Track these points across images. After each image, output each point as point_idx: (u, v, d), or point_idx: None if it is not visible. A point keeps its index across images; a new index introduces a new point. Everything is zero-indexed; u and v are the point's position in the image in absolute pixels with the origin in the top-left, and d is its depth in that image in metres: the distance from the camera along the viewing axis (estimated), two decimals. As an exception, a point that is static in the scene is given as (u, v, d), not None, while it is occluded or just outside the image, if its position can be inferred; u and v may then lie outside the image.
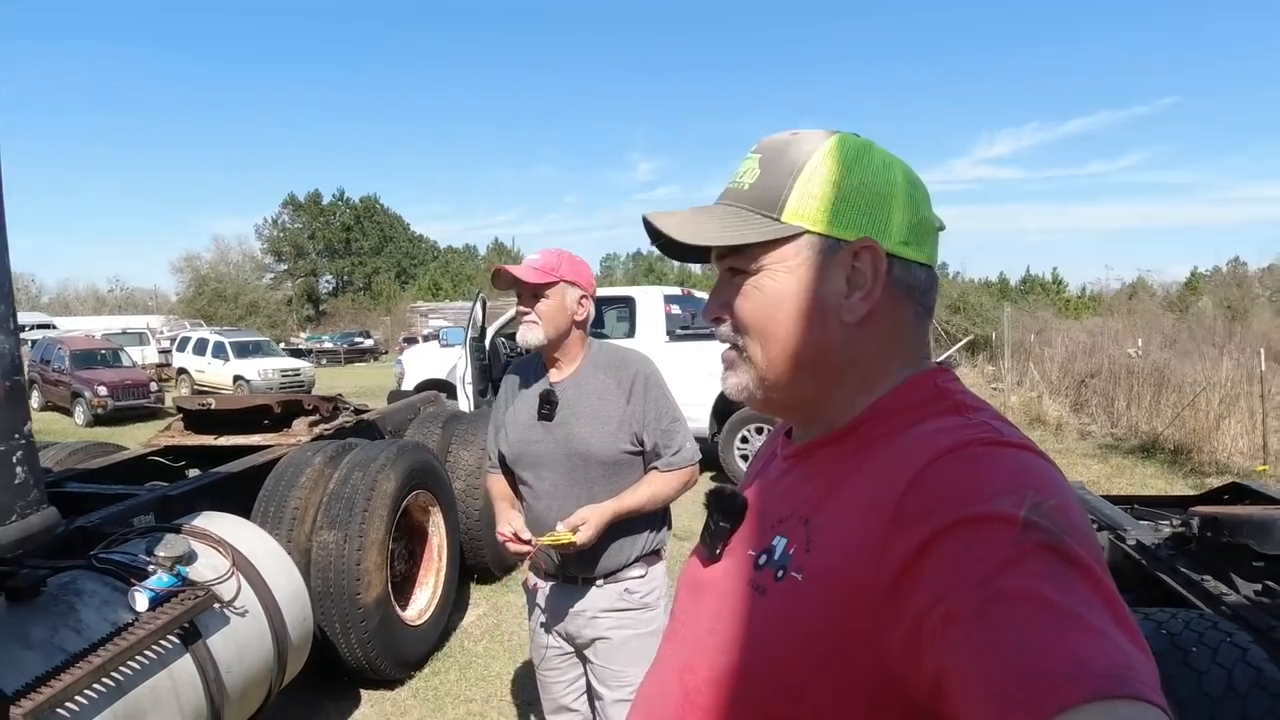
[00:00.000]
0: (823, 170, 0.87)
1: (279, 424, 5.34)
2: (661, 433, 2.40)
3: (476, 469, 5.67)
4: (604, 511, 2.26)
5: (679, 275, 77.17)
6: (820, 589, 0.78)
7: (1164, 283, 56.60)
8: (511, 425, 2.49)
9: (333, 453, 4.39)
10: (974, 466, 0.73)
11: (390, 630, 4.07)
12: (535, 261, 2.40)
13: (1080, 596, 0.61)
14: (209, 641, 2.76)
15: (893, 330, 0.89)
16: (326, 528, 3.98)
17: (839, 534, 0.79)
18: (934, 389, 0.87)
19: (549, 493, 2.40)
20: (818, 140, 0.90)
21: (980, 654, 0.60)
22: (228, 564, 3.02)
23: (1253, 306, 33.11)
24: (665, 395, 2.46)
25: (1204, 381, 11.52)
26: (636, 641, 2.41)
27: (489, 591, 5.75)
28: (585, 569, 2.38)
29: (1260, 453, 9.53)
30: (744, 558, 0.90)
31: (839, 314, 0.87)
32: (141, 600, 2.56)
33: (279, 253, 77.96)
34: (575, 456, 2.36)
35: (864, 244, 0.86)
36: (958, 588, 0.64)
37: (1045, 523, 0.65)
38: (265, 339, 26.89)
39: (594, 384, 2.42)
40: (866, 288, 0.86)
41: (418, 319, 47.74)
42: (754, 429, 9.24)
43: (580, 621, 2.42)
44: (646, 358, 2.52)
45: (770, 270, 0.88)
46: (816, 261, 0.87)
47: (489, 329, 10.51)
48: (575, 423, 2.37)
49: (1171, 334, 20.71)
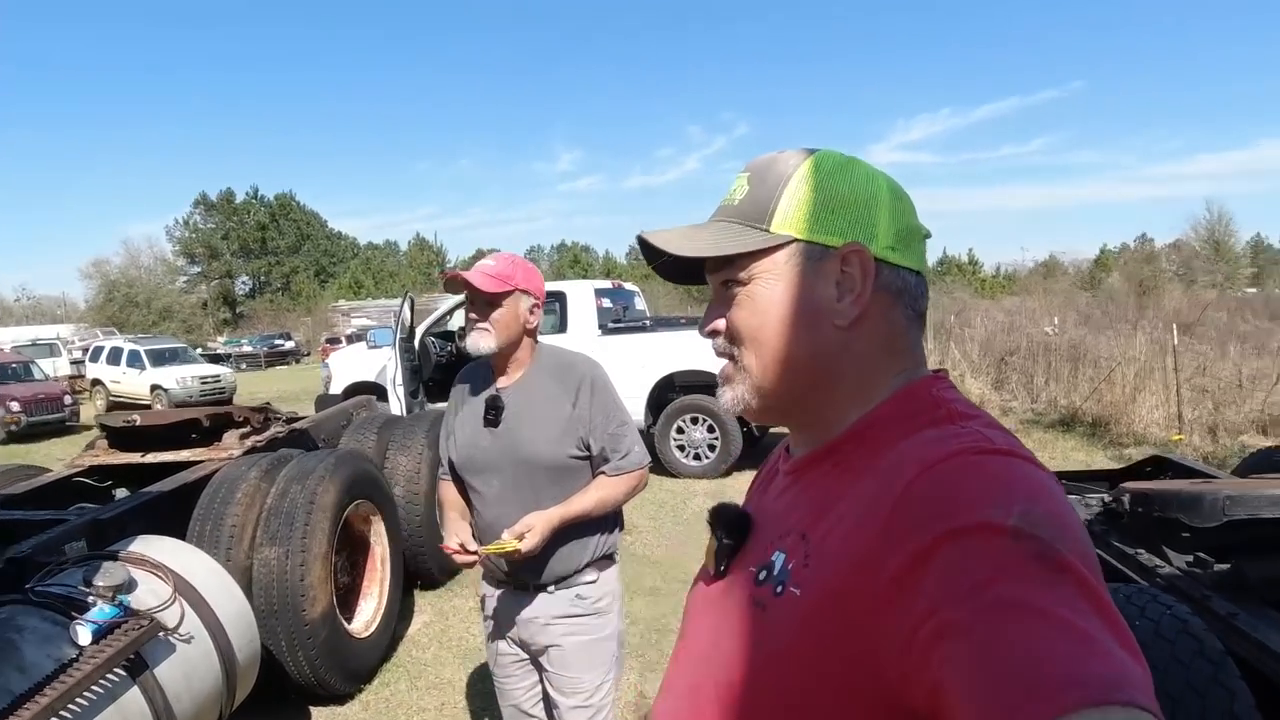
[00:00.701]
0: (809, 180, 0.90)
1: (208, 437, 5.19)
2: (609, 436, 2.39)
3: (415, 474, 5.60)
4: (550, 518, 2.24)
5: (605, 267, 77.20)
6: (817, 603, 0.78)
7: (1075, 261, 58.38)
8: (459, 431, 2.48)
9: (268, 466, 4.29)
10: (964, 477, 0.73)
11: (338, 644, 4.01)
12: (490, 268, 2.37)
13: (1072, 604, 0.61)
14: (156, 672, 2.68)
15: (885, 334, 0.91)
16: (267, 544, 3.90)
17: (834, 548, 0.79)
18: (929, 398, 0.88)
19: (496, 499, 2.38)
20: (802, 155, 0.93)
21: (974, 666, 0.60)
22: (169, 589, 2.93)
23: (1160, 282, 34.27)
24: (612, 398, 2.46)
25: (1119, 356, 11.93)
26: (590, 648, 2.41)
27: (434, 598, 5.70)
28: (535, 575, 2.37)
29: (1175, 422, 9.91)
30: (746, 574, 0.91)
31: (831, 318, 0.88)
32: (84, 634, 2.47)
33: (192, 255, 76.05)
34: (521, 462, 2.35)
35: (852, 248, 0.88)
36: (950, 600, 0.64)
37: (1036, 531, 0.65)
38: (182, 345, 26.06)
39: (540, 389, 2.40)
40: (856, 291, 0.88)
41: (340, 319, 47.03)
42: (689, 419, 9.30)
43: (533, 629, 2.41)
44: (593, 361, 2.51)
45: (761, 279, 0.90)
46: (806, 268, 0.89)
47: (418, 329, 10.38)
48: (521, 428, 2.36)
49: (1086, 311, 21.36)
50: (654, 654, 4.57)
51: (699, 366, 9.30)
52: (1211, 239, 52.61)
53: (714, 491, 8.54)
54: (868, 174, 0.92)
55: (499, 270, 2.37)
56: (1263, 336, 14.34)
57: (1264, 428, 9.51)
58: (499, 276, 2.35)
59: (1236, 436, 9.37)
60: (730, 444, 9.19)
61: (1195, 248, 51.01)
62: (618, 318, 10.38)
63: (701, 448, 9.33)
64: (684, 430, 9.36)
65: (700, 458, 9.33)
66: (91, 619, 2.53)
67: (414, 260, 77.60)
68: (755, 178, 0.94)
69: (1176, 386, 10.17)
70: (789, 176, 0.91)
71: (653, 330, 10.19)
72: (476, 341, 2.36)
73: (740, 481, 8.98)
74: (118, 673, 2.52)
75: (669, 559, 6.41)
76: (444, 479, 2.59)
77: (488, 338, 2.35)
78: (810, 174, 0.91)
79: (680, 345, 9.56)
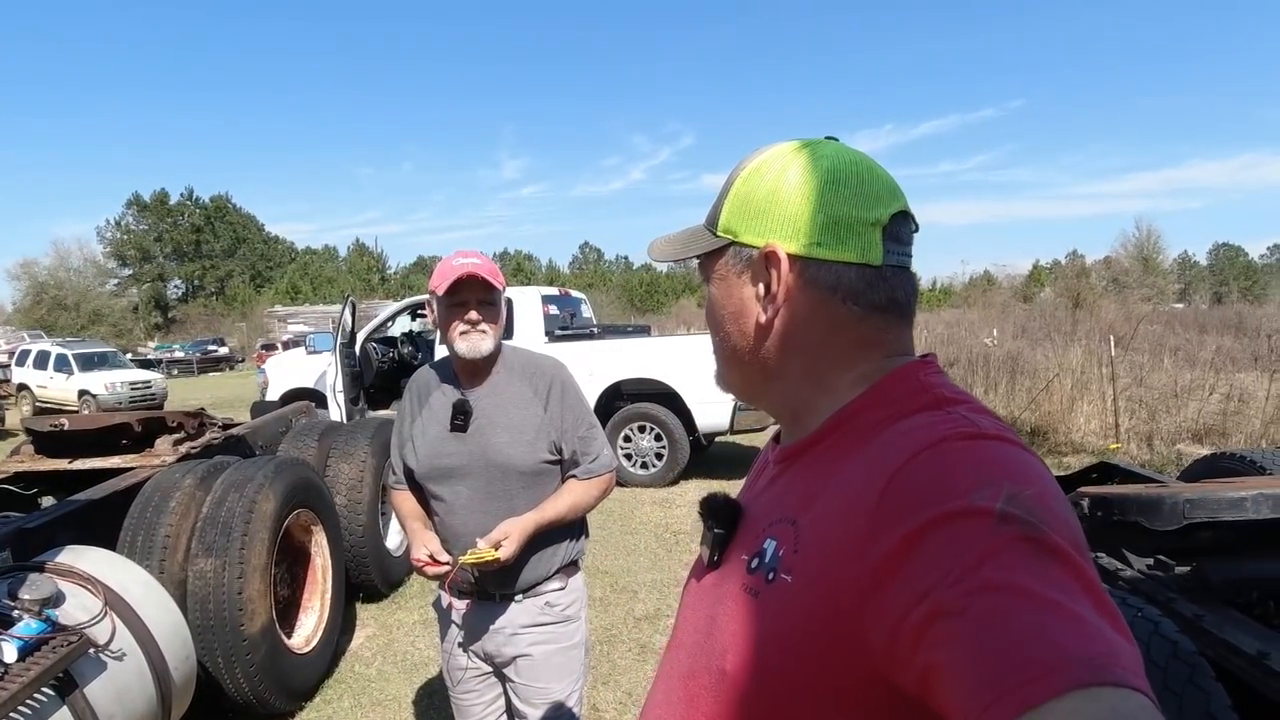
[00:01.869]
0: (745, 181, 0.94)
1: (140, 444, 4.97)
2: (579, 440, 2.34)
3: (358, 482, 5.46)
4: (526, 524, 2.17)
5: (549, 275, 77.14)
6: (808, 589, 0.78)
7: (1010, 275, 59.70)
8: (420, 438, 2.35)
9: (203, 473, 4.12)
10: (951, 461, 0.73)
11: (278, 660, 3.85)
12: (482, 265, 2.26)
13: (1060, 585, 0.62)
14: (86, 690, 2.55)
15: (826, 329, 0.91)
16: (202, 555, 3.73)
17: (824, 534, 0.80)
18: (915, 383, 0.88)
19: (466, 507, 2.28)
20: (758, 155, 0.95)
21: (964, 649, 0.60)
22: (100, 603, 2.80)
23: (1092, 296, 35.27)
24: (582, 401, 2.40)
25: (1056, 367, 12.17)
26: (560, 656, 2.34)
27: (377, 610, 5.54)
28: (504, 585, 2.28)
29: (1112, 431, 10.14)
30: (738, 562, 0.91)
31: (754, 316, 0.93)
32: (10, 651, 2.33)
33: (123, 257, 74.52)
34: (493, 468, 2.26)
35: (766, 249, 0.90)
36: (939, 584, 0.64)
37: (1022, 513, 0.66)
38: (112, 350, 25.49)
39: (510, 391, 2.32)
40: (772, 290, 0.90)
41: (276, 324, 46.05)
42: (636, 428, 9.25)
43: (499, 640, 2.31)
44: (560, 363, 2.44)
45: (713, 279, 0.97)
46: (738, 269, 0.94)
47: (360, 334, 10.19)
48: (492, 432, 2.27)
49: (1023, 323, 21.81)
50: (605, 666, 4.49)
51: (647, 374, 9.27)
52: (1141, 255, 54.18)
53: (662, 500, 8.51)
54: (805, 165, 0.91)
55: (491, 268, 2.28)
56: (1193, 348, 14.75)
57: (1199, 436, 9.77)
58: (494, 274, 2.27)
59: (1172, 445, 9.62)
60: (678, 452, 9.14)
61: (1125, 264, 52.44)
62: (565, 325, 10.29)
63: (649, 456, 9.28)
64: (631, 439, 9.30)
65: (648, 466, 9.27)
66: (17, 635, 2.41)
67: (354, 266, 76.76)
68: (726, 181, 0.97)
69: (1113, 396, 10.40)
70: (735, 178, 0.95)
71: (600, 338, 10.13)
72: (477, 344, 2.25)
73: (688, 490, 8.96)
74: (45, 692, 2.41)
75: (617, 568, 6.32)
76: (398, 488, 2.47)
77: (487, 340, 2.26)
78: (749, 175, 0.94)
79: (628, 353, 9.53)
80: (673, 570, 6.23)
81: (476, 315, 2.24)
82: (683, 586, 1.07)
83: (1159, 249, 56.40)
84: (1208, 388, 10.76)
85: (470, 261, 2.24)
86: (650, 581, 6.00)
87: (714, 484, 9.19)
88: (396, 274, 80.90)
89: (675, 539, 7.10)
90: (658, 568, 6.34)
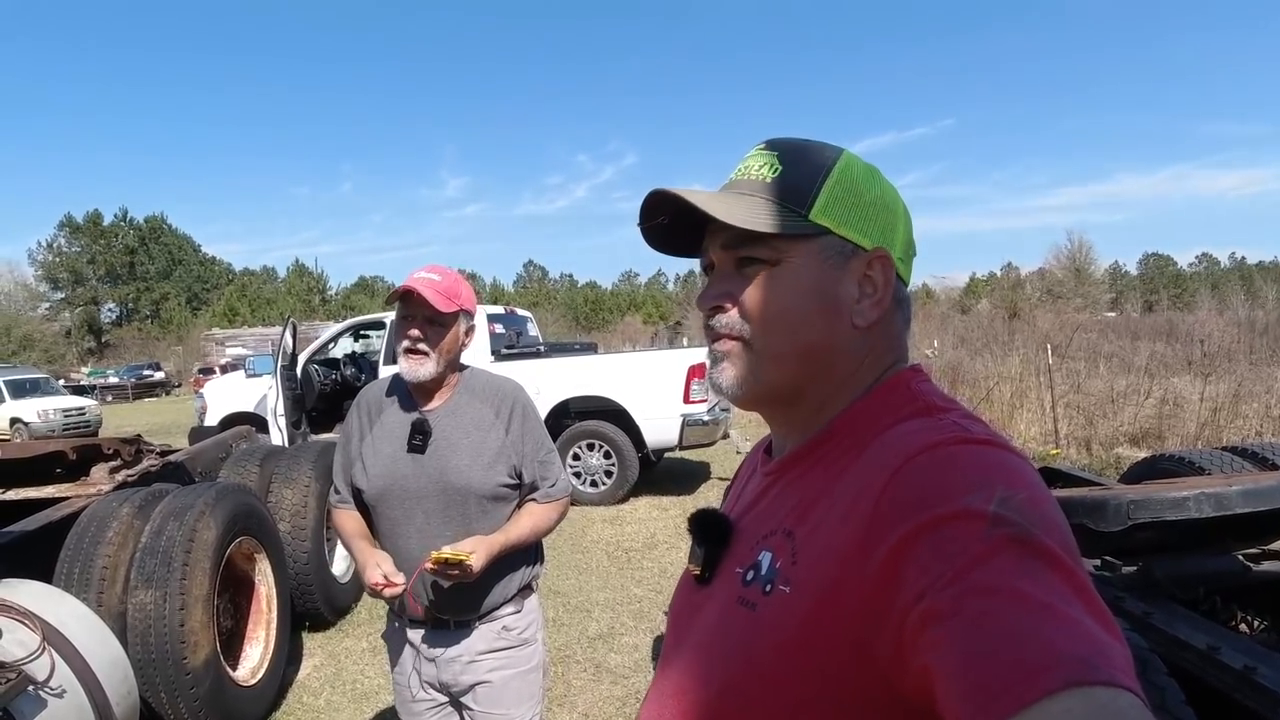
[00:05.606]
0: (848, 177, 0.91)
1: (75, 472, 4.83)
2: (539, 464, 2.31)
3: (301, 508, 5.34)
4: (493, 543, 2.12)
5: (493, 294, 76.75)
6: (808, 599, 0.78)
7: (948, 287, 60.86)
8: (372, 458, 2.27)
9: (141, 502, 4.00)
10: (946, 466, 0.74)
11: (222, 694, 3.74)
12: (439, 284, 2.18)
13: (1052, 587, 0.62)
14: (22, 732, 2.44)
15: (887, 339, 0.93)
16: (142, 587, 3.61)
17: (822, 543, 0.80)
18: (906, 391, 0.89)
19: (421, 530, 2.21)
20: (836, 150, 0.94)
21: (958, 650, 0.61)
22: (37, 638, 2.70)
23: (1028, 306, 36.07)
24: (540, 425, 2.37)
25: (996, 376, 12.41)
26: (518, 681, 2.29)
27: (324, 639, 5.40)
28: (459, 610, 2.23)
29: (1052, 437, 10.36)
30: (731, 576, 0.91)
31: (851, 316, 0.90)
32: (-61, 693, 2.23)
33: (55, 280, 72.74)
34: (452, 490, 2.20)
35: (879, 253, 0.91)
36: (933, 587, 0.65)
37: (1014, 516, 0.67)
38: (44, 376, 24.87)
39: (470, 413, 2.27)
40: (877, 295, 0.90)
41: (214, 348, 45.13)
42: (585, 446, 9.21)
43: (456, 668, 2.25)
44: (520, 385, 2.40)
45: (790, 263, 0.90)
46: (836, 262, 0.90)
47: (301, 356, 10.02)
48: (451, 454, 2.21)
49: (962, 333, 22.20)
50: (561, 687, 4.44)
51: (594, 392, 9.25)
52: (1074, 266, 55.60)
53: (612, 517, 8.47)
54: (891, 185, 0.95)
55: (447, 286, 2.20)
56: (1127, 355, 15.16)
57: (1135, 439, 10.03)
58: (448, 294, 2.18)
59: (1111, 448, 9.87)
60: (627, 470, 9.12)
61: (1059, 274, 53.78)
62: (511, 344, 10.24)
63: (598, 474, 9.24)
64: (580, 457, 9.26)
65: (597, 484, 9.23)
66: (-54, 676, 2.29)
67: (293, 287, 75.65)
68: (788, 159, 0.92)
69: (1052, 403, 10.63)
70: (829, 167, 0.91)
71: (547, 356, 10.08)
72: (414, 368, 2.18)
73: (638, 507, 8.94)
74: (-22, 735, 2.29)
75: (569, 588, 6.27)
76: (342, 508, 2.39)
77: (428, 364, 2.18)
78: (848, 170, 0.92)
79: (575, 371, 9.50)
80: (625, 589, 6.20)
81: (417, 333, 2.17)
82: (670, 604, 1.06)
83: (1091, 260, 58.10)
84: (1143, 392, 11.06)
85: (421, 277, 2.19)
86: (603, 600, 5.95)
87: (664, 500, 9.20)
88: (337, 294, 79.95)
89: (627, 557, 7.07)
90: (610, 586, 6.30)
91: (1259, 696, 2.03)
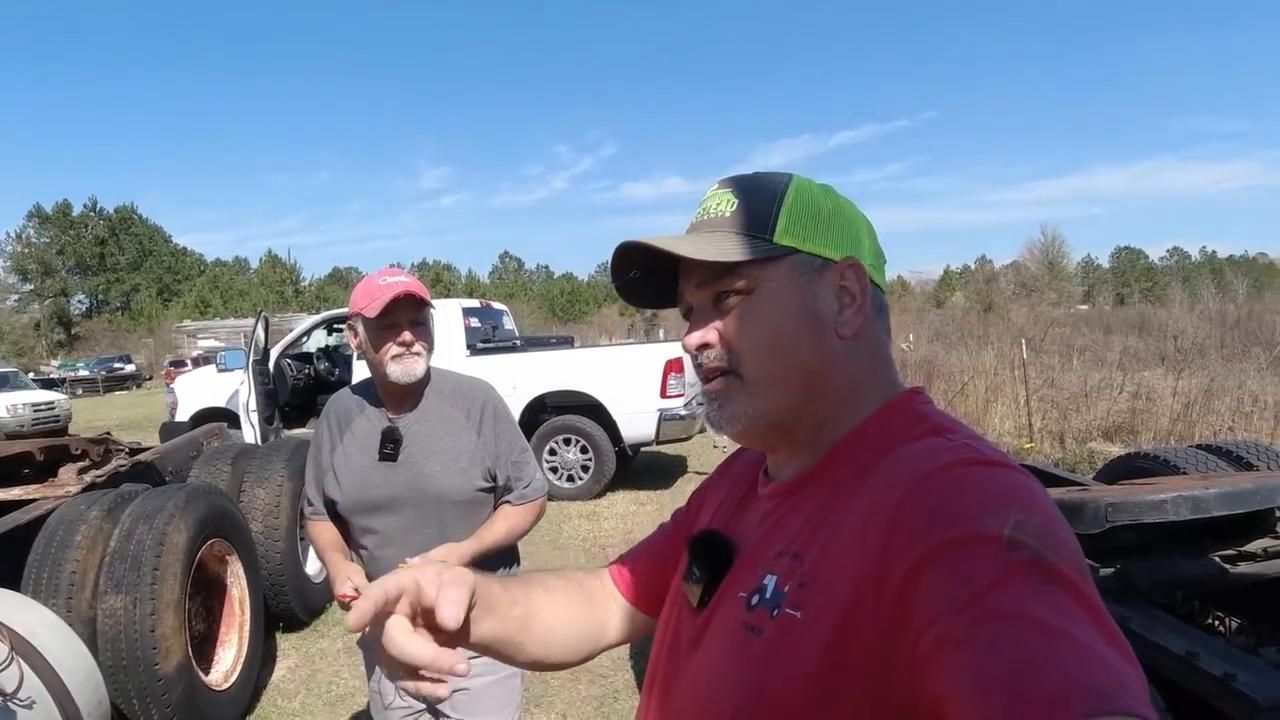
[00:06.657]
0: (804, 196, 0.92)
1: (42, 473, 4.75)
2: (513, 465, 2.28)
3: (274, 508, 5.27)
4: (464, 551, 2.09)
5: (468, 285, 76.39)
6: (819, 623, 0.76)
7: (923, 281, 61.24)
8: (344, 469, 2.24)
9: (110, 504, 3.94)
10: (958, 488, 0.73)
11: (195, 699, 3.69)
12: (414, 283, 2.17)
13: (1067, 613, 0.62)
14: (-12, 746, 2.39)
15: (874, 348, 0.93)
16: (112, 592, 3.55)
17: (832, 566, 0.78)
18: (911, 412, 0.89)
19: (398, 539, 2.18)
20: (786, 175, 0.95)
21: (972, 677, 0.60)
22: (4, 648, 2.66)
23: (1002, 300, 36.33)
24: (513, 425, 2.34)
25: (970, 370, 12.47)
26: (498, 687, 2.25)
27: (298, 640, 5.35)
28: None
29: (1026, 431, 10.41)
30: (733, 600, 0.89)
31: (835, 328, 0.90)
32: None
33: (24, 271, 71.70)
34: (427, 498, 2.18)
35: (850, 262, 0.91)
36: (947, 611, 0.64)
37: (1029, 540, 0.66)
38: (12, 370, 24.33)
39: (440, 417, 2.24)
40: (857, 303, 0.90)
41: (185, 340, 44.81)
42: (561, 440, 9.18)
43: None
44: (490, 385, 2.38)
45: (765, 288, 0.90)
46: (809, 278, 0.90)
47: (273, 350, 9.91)
48: (424, 461, 2.19)
49: (937, 327, 22.32)
50: (539, 687, 4.41)
51: (571, 386, 9.21)
52: (1047, 259, 56.09)
53: (589, 513, 8.45)
54: (848, 199, 0.96)
55: (421, 286, 2.19)
56: (1100, 349, 15.28)
57: (1109, 433, 10.11)
58: (426, 293, 2.18)
59: (1084, 443, 9.94)
60: (604, 465, 9.10)
61: (1032, 268, 54.25)
62: (486, 337, 10.16)
63: (575, 469, 9.21)
64: (556, 451, 9.23)
65: (574, 479, 9.20)
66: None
67: (266, 278, 75.12)
68: (743, 191, 0.94)
69: (1026, 397, 10.69)
70: (783, 191, 0.92)
71: (523, 350, 10.03)
72: (411, 368, 2.16)
73: (615, 502, 8.92)
74: (-58, 752, 2.24)
75: (546, 586, 6.22)
76: (316, 519, 2.36)
77: (419, 362, 2.17)
78: (802, 190, 0.93)
79: (551, 365, 9.45)
80: (602, 586, 6.16)
81: (410, 337, 2.15)
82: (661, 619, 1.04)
83: (1064, 253, 58.59)
84: (1116, 386, 11.14)
85: (401, 280, 2.16)
86: (580, 598, 5.90)
87: (641, 495, 9.19)
88: (311, 286, 79.38)
89: (604, 553, 7.04)
90: (587, 583, 6.25)
91: (1238, 702, 2.03)
